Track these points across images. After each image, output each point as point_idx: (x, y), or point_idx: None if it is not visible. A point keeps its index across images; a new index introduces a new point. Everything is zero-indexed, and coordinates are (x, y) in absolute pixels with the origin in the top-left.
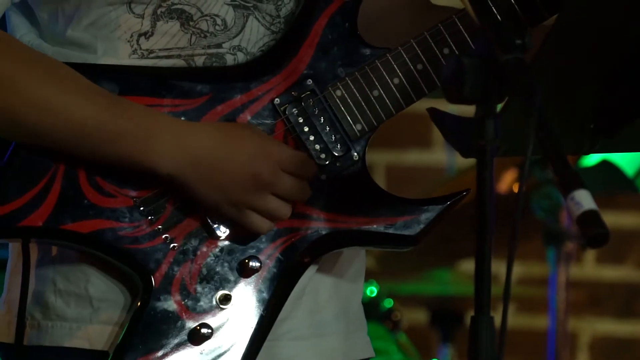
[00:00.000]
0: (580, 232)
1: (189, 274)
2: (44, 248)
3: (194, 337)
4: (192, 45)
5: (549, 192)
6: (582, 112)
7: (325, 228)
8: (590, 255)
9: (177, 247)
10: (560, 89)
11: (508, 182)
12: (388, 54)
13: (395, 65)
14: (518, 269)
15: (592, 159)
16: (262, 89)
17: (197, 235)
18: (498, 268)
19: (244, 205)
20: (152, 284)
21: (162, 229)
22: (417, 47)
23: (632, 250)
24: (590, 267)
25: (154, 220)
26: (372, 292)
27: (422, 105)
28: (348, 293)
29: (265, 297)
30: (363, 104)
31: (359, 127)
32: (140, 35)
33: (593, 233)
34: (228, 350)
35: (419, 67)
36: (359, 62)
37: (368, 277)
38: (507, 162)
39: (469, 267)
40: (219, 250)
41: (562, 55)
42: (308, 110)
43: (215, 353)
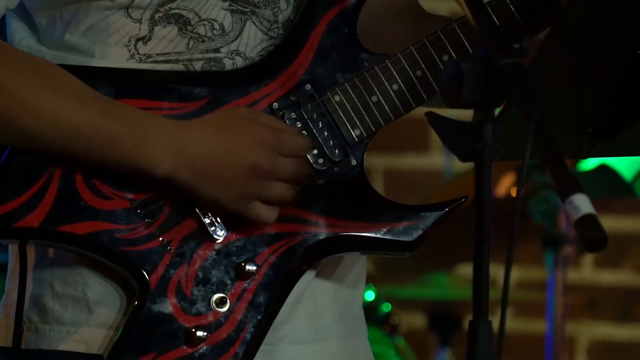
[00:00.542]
0: (579, 236)
1: (186, 277)
2: (42, 251)
3: (190, 339)
4: (190, 50)
5: (547, 196)
6: (580, 116)
7: (323, 233)
8: (588, 259)
9: (173, 249)
10: (559, 93)
11: (506, 186)
12: (387, 60)
13: (395, 72)
14: (516, 273)
15: (590, 163)
16: (260, 94)
17: (193, 238)
18: (496, 272)
19: (247, 198)
20: (148, 287)
21: (158, 232)
22: (416, 53)
23: (630, 255)
24: (588, 271)
25: (151, 223)
26: (370, 296)
27: (420, 110)
28: (348, 297)
29: (262, 300)
30: (361, 110)
31: (357, 132)
32: (138, 40)
33: (591, 237)
34: (224, 353)
35: (418, 73)
36: (358, 68)
37: (366, 281)
38: (505, 166)
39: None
40: (216, 253)
41: (560, 60)
42: (306, 115)
43: (211, 356)
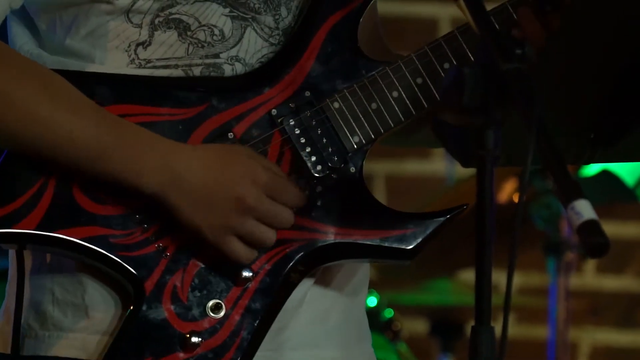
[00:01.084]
0: (581, 242)
1: (181, 283)
2: (41, 257)
3: (185, 345)
4: (189, 55)
5: (549, 202)
6: (582, 121)
7: (320, 240)
8: (591, 265)
9: (169, 255)
10: (561, 99)
11: (508, 192)
12: (387, 68)
13: (395, 79)
14: (518, 279)
15: (592, 169)
16: (259, 100)
17: (190, 244)
18: (498, 278)
19: (227, 230)
20: (143, 292)
21: (155, 237)
22: (417, 60)
23: (632, 260)
24: (591, 277)
25: (147, 228)
26: (372, 302)
27: None
28: (350, 304)
29: (258, 307)
30: (361, 117)
31: (356, 139)
32: (138, 45)
33: (593, 243)
34: (219, 359)
35: (419, 80)
36: (358, 75)
37: (368, 287)
38: (507, 172)
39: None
40: (211, 259)
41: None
42: (305, 122)
43: None
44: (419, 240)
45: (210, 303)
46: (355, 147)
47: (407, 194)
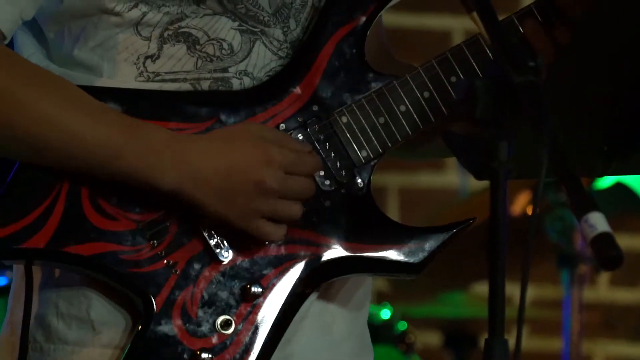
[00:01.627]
0: (594, 254)
1: (191, 299)
2: (47, 271)
3: None
4: (198, 69)
5: (563, 214)
6: (595, 134)
7: (328, 255)
8: (604, 278)
9: (179, 271)
10: (574, 111)
11: (521, 204)
12: (395, 82)
13: (402, 93)
14: (532, 292)
15: (605, 182)
16: (267, 114)
17: (199, 260)
18: (512, 290)
19: (253, 214)
20: (153, 308)
21: (164, 253)
22: (424, 74)
23: None
24: (604, 289)
25: (156, 244)
26: (385, 314)
27: None
28: (353, 317)
29: (267, 322)
30: (369, 131)
31: (364, 153)
32: (147, 58)
33: (607, 255)
34: None
35: (426, 94)
36: (366, 88)
37: (382, 299)
38: (520, 184)
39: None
40: (221, 275)
41: (575, 77)
42: (313, 136)
43: None
44: (426, 255)
45: (220, 319)
46: (364, 161)
47: (420, 206)
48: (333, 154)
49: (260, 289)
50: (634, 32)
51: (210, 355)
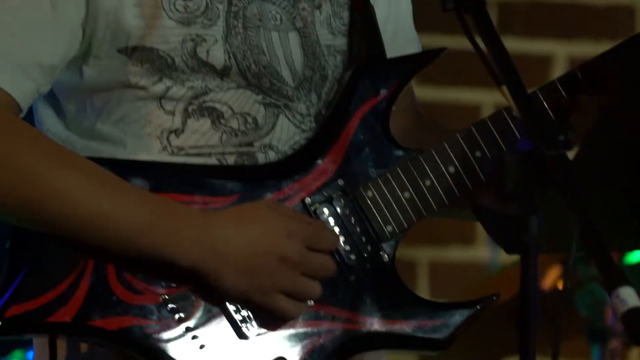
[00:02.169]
0: (625, 329)
1: None
2: (71, 344)
3: None
4: (223, 144)
5: (593, 289)
6: (626, 209)
7: (354, 330)
8: (635, 353)
9: (204, 345)
10: (604, 187)
11: (552, 278)
12: (420, 156)
13: (427, 167)
14: None
15: (636, 256)
16: (293, 188)
17: (225, 334)
18: None
19: (273, 290)
20: None
21: (190, 327)
22: (449, 149)
23: None
24: None
25: (182, 319)
26: None
27: None
28: None
29: None
30: (394, 206)
31: (390, 228)
32: (171, 133)
33: (638, 330)
34: None
35: (451, 169)
36: (391, 163)
37: None
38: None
39: None
40: (246, 350)
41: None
42: (339, 211)
43: None
44: (451, 331)
45: None
46: (389, 236)
47: (450, 281)
48: (358, 228)
49: None
50: None
51: None
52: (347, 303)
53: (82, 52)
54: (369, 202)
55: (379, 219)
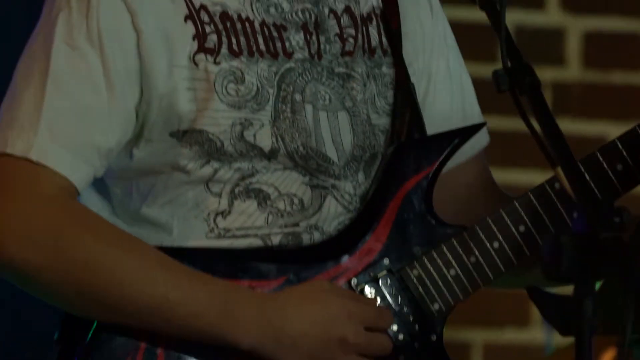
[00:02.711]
0: None
1: None
2: None
3: None
4: (269, 225)
5: None
6: None
7: None
8: None
9: None
10: None
11: None
12: (465, 233)
13: (472, 244)
14: None
15: None
16: (338, 269)
17: None
18: None
19: None
20: None
21: None
22: (493, 225)
23: None
24: None
25: None
26: None
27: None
28: None
29: None
30: (440, 284)
31: (437, 307)
32: (218, 214)
33: None
34: None
35: (496, 245)
36: (435, 240)
37: None
38: (606, 341)
39: None
40: None
41: None
42: (385, 291)
43: None
44: None
45: None
46: (436, 315)
47: None
48: (405, 308)
49: None
50: None
51: None
52: None
53: (134, 135)
54: (415, 280)
55: (426, 298)
